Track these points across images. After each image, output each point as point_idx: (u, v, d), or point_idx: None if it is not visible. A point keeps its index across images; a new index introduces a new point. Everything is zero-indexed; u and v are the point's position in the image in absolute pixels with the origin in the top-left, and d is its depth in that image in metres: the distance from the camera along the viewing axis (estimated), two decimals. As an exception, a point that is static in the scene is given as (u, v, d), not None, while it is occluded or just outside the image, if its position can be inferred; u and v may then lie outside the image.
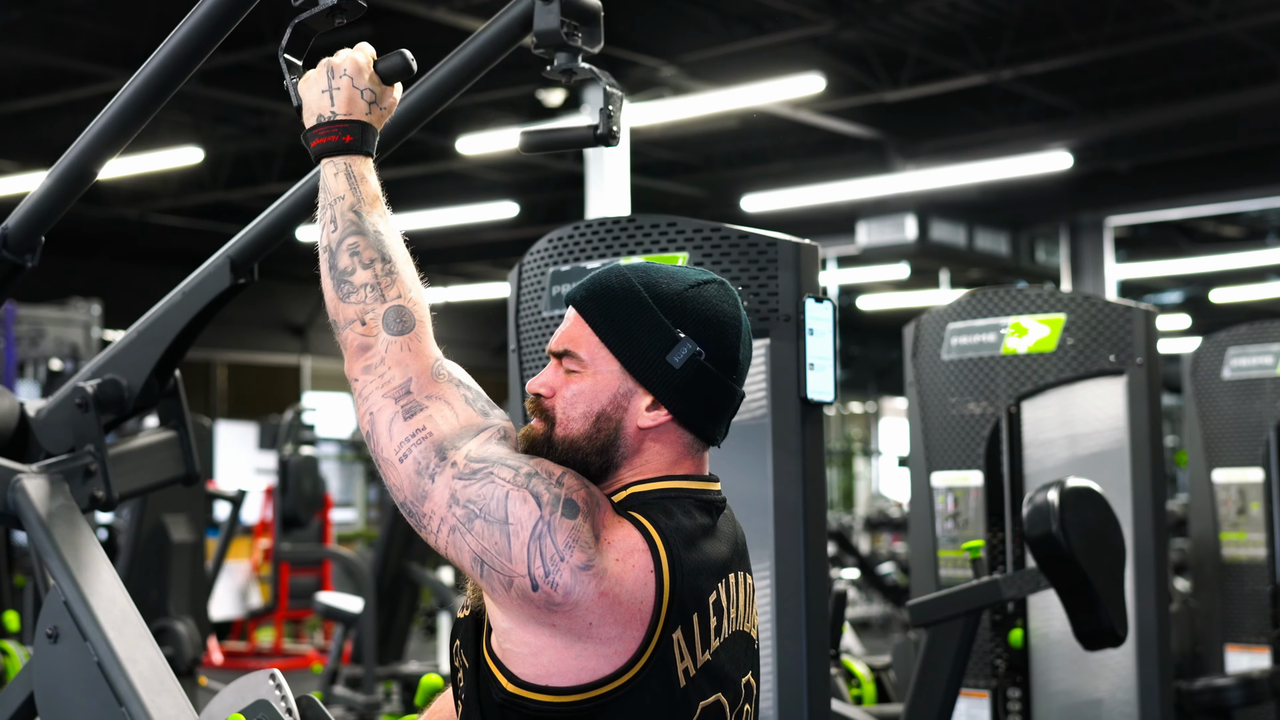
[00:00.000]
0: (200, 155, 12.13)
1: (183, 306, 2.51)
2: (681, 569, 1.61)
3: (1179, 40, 10.11)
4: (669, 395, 1.67)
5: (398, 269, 1.71)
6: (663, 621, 1.59)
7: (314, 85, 1.81)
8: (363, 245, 1.72)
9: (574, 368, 1.69)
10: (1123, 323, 3.81)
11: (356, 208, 1.75)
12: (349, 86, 1.79)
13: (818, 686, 2.56)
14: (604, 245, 2.73)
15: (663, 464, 1.69)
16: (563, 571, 1.54)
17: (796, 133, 12.80)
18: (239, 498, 8.47)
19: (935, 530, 4.02)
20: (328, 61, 1.82)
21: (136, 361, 2.52)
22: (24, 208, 2.32)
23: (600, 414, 1.68)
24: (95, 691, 2.17)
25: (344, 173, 1.76)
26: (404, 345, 1.67)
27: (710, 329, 1.69)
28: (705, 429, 1.71)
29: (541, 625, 1.57)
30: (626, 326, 1.68)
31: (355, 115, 1.79)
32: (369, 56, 1.82)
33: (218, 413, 17.38)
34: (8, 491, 2.33)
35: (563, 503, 1.57)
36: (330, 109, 1.78)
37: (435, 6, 8.93)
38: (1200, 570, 5.52)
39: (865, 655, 5.87)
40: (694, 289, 1.70)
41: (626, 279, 1.70)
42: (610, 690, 1.58)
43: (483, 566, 1.58)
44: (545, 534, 1.55)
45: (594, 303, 1.70)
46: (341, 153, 1.77)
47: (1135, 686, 3.71)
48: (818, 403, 2.60)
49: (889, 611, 12.61)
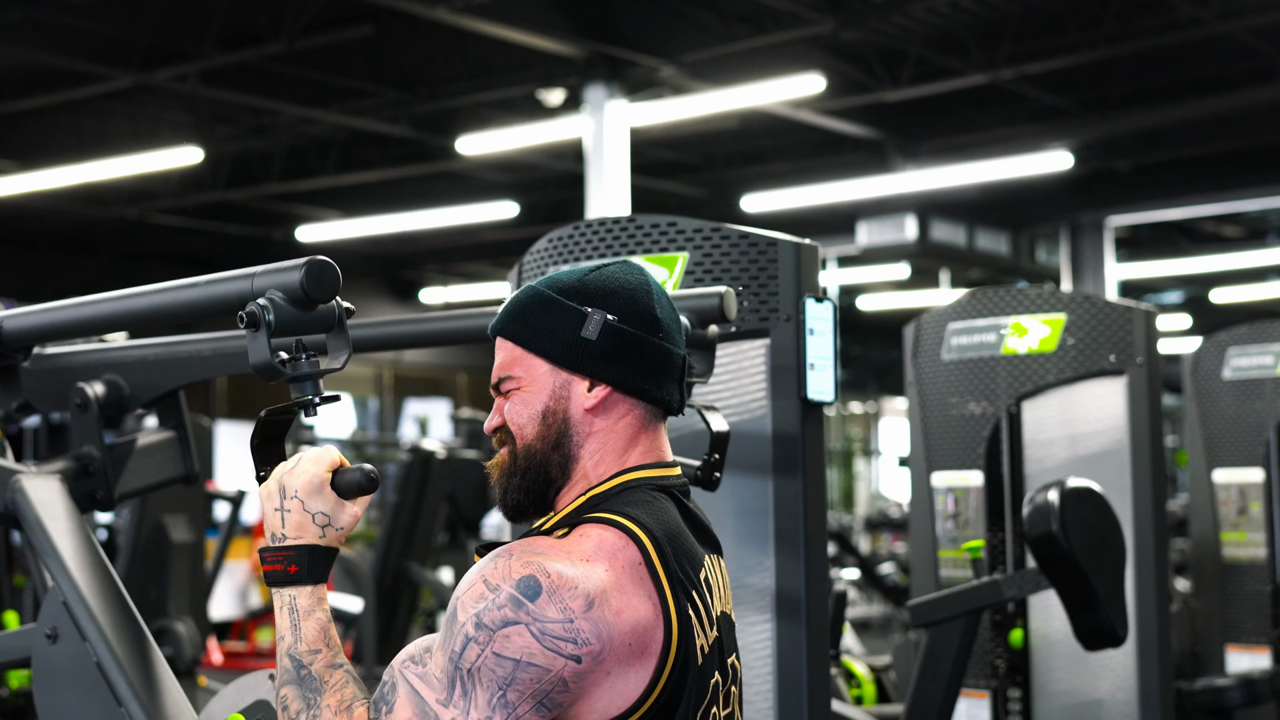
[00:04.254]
0: (200, 155, 12.13)
1: (208, 364, 2.52)
2: (664, 547, 1.63)
3: (1179, 40, 10.10)
4: (597, 367, 1.70)
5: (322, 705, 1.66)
6: (671, 597, 1.60)
7: (267, 500, 1.71)
8: (291, 696, 1.68)
9: (510, 387, 1.73)
10: (1123, 323, 3.81)
11: (293, 651, 1.69)
12: (299, 510, 1.69)
13: (818, 686, 2.56)
14: (604, 245, 2.73)
15: (620, 443, 1.72)
16: (582, 628, 1.55)
17: (796, 133, 12.80)
18: (239, 498, 8.46)
19: (935, 530, 4.02)
20: (280, 476, 1.71)
21: (145, 382, 2.53)
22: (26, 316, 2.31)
23: (545, 410, 1.71)
24: (95, 691, 2.17)
25: (287, 609, 1.69)
26: None
27: (617, 298, 1.72)
28: (650, 391, 1.72)
29: (601, 680, 1.57)
30: (539, 325, 1.71)
31: (305, 540, 1.69)
32: (328, 467, 1.70)
33: (218, 413, 17.37)
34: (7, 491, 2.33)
35: (520, 594, 1.55)
36: (280, 530, 1.70)
37: (435, 6, 8.92)
38: (1200, 570, 5.52)
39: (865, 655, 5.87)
40: (593, 273, 1.75)
41: (530, 288, 1.75)
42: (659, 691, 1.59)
43: (547, 702, 1.56)
44: (544, 627, 1.54)
45: (508, 319, 1.75)
46: (288, 584, 1.69)
47: (1135, 686, 3.71)
48: (818, 403, 2.60)
49: (889, 611, 12.60)
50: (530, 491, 1.72)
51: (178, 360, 2.52)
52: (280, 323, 1.72)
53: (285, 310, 1.72)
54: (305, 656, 1.68)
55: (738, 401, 2.62)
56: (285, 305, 1.72)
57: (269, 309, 1.71)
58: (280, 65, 10.51)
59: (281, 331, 1.72)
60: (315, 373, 1.75)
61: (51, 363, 2.54)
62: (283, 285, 1.73)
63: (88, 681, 2.17)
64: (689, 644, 1.61)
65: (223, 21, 9.56)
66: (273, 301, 1.72)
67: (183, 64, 10.14)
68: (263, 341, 1.71)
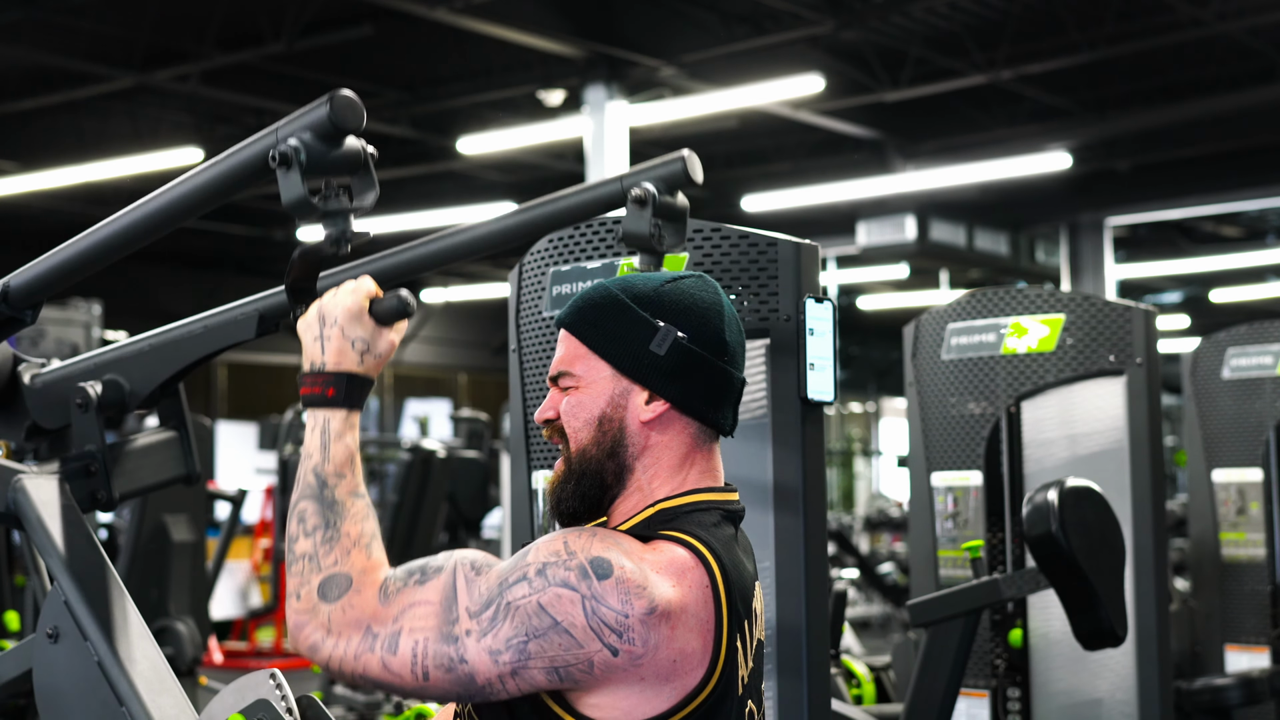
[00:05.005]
0: (200, 155, 12.13)
1: (201, 340, 2.51)
2: (730, 576, 1.63)
3: (1179, 40, 10.11)
4: (660, 382, 1.70)
5: (341, 533, 1.66)
6: (725, 630, 1.61)
7: (307, 330, 1.76)
8: (310, 512, 1.68)
9: (570, 384, 1.73)
10: (1122, 323, 3.81)
11: (319, 469, 1.70)
12: (339, 336, 1.73)
13: (818, 686, 2.56)
14: (604, 245, 2.73)
15: (673, 459, 1.72)
16: (634, 626, 1.55)
17: (796, 133, 12.80)
18: (239, 498, 8.47)
19: (935, 530, 4.02)
20: (321, 305, 1.76)
21: (145, 375, 2.52)
22: (30, 271, 2.31)
23: (601, 416, 1.71)
24: (95, 691, 2.17)
25: (320, 429, 1.72)
26: (345, 607, 1.63)
27: (690, 315, 1.72)
28: (707, 413, 1.73)
29: (631, 685, 1.58)
30: (609, 329, 1.72)
31: (344, 367, 1.73)
32: (365, 295, 1.75)
33: (218, 413, 17.38)
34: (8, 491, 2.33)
35: (590, 568, 1.57)
36: (321, 358, 1.74)
37: (435, 6, 8.93)
38: (1200, 570, 5.52)
39: (865, 655, 5.87)
40: (670, 284, 1.75)
41: (604, 288, 1.76)
42: (694, 708, 1.60)
43: (561, 673, 1.57)
44: (597, 607, 1.55)
45: (577, 316, 1.75)
46: (324, 406, 1.73)
47: (1135, 686, 3.71)
48: (818, 403, 2.60)
49: (889, 611, 12.60)
50: (585, 498, 1.72)
51: (171, 344, 2.52)
52: (311, 161, 1.74)
53: (315, 147, 1.75)
54: (331, 477, 1.70)
55: (737, 401, 2.62)
56: (315, 142, 1.75)
57: (300, 148, 1.73)
58: (280, 65, 10.51)
59: (312, 170, 1.75)
60: (347, 208, 1.78)
61: (52, 377, 2.54)
62: (310, 124, 1.75)
63: (88, 681, 2.17)
64: (732, 676, 1.63)
65: (223, 21, 9.56)
66: (303, 141, 1.74)
67: (183, 64, 10.14)
68: (296, 179, 1.73)
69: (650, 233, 1.81)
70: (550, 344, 2.76)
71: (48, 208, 14.16)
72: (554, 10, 9.76)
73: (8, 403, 2.52)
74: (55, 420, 2.49)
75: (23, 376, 2.54)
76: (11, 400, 2.51)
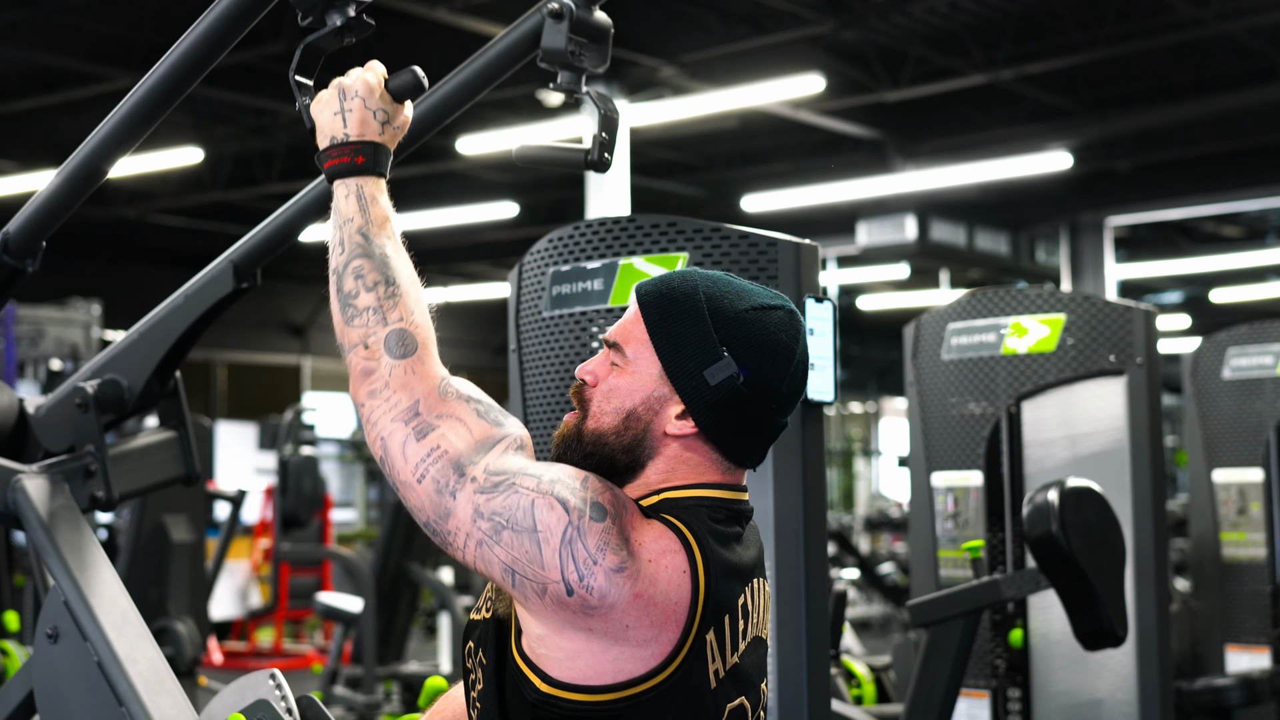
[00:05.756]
0: (200, 155, 12.13)
1: (184, 310, 2.50)
2: (715, 570, 1.62)
3: (1179, 40, 10.11)
4: (699, 410, 1.67)
5: (402, 291, 1.70)
6: (698, 622, 1.60)
7: (326, 107, 1.80)
8: (367, 268, 1.71)
9: (618, 361, 1.71)
10: (1123, 323, 3.81)
11: (365, 230, 1.74)
12: (361, 108, 1.78)
13: (818, 686, 2.56)
14: (604, 245, 2.73)
15: (689, 472, 1.70)
16: (597, 575, 1.55)
17: (796, 133, 12.80)
18: (239, 498, 8.47)
19: (935, 530, 4.02)
20: (339, 82, 1.81)
21: (137, 362, 2.51)
22: (26, 212, 2.30)
23: (631, 412, 1.69)
24: (95, 691, 2.17)
25: (355, 194, 1.76)
26: (408, 369, 1.66)
27: (758, 355, 1.67)
28: (731, 449, 1.70)
29: (578, 630, 1.57)
30: (676, 332, 1.68)
31: (368, 136, 1.78)
32: (380, 75, 1.81)
33: (218, 413, 17.38)
34: (8, 491, 2.33)
35: (590, 505, 1.58)
36: (343, 130, 1.78)
37: (435, 6, 8.93)
38: (1200, 570, 5.52)
39: (865, 655, 5.87)
40: (756, 311, 1.69)
41: (692, 284, 1.71)
42: (645, 689, 1.59)
43: (515, 576, 1.58)
44: (576, 538, 1.56)
45: (654, 300, 1.71)
46: (354, 174, 1.77)
47: (1135, 686, 3.71)
48: (818, 403, 2.60)
49: (889, 611, 12.61)
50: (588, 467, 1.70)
51: (158, 325, 2.51)
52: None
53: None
54: (377, 235, 1.75)
55: (738, 401, 2.62)
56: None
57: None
58: (280, 65, 10.46)
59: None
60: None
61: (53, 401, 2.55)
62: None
63: (88, 681, 2.17)
64: (694, 669, 1.60)
65: (223, 21, 9.54)
66: None
67: (183, 64, 10.13)
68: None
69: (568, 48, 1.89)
70: (550, 345, 2.76)
71: (48, 208, 14.15)
72: (554, 10, 9.75)
73: (21, 441, 2.53)
74: (62, 442, 2.50)
75: (28, 411, 2.55)
76: (24, 438, 2.53)
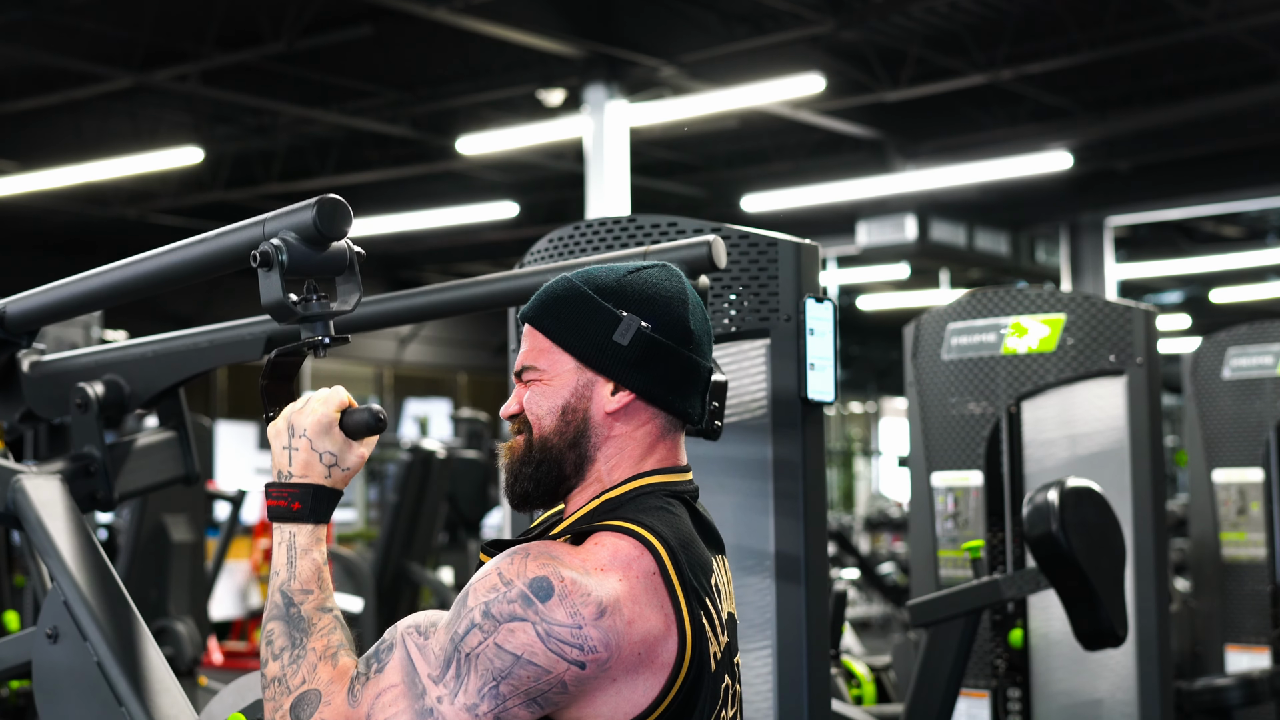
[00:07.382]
0: (200, 155, 12.13)
1: (205, 355, 2.52)
2: (678, 555, 1.62)
3: (1179, 40, 10.11)
4: (625, 373, 1.69)
5: (308, 647, 1.65)
6: (685, 607, 1.60)
7: (275, 438, 1.73)
8: (277, 633, 1.67)
9: (533, 378, 1.72)
10: (1123, 323, 3.81)
11: (286, 588, 1.68)
12: (307, 449, 1.70)
13: (818, 686, 2.56)
14: (604, 245, 2.73)
15: (637, 450, 1.71)
16: (590, 635, 1.54)
17: (796, 133, 12.80)
18: (239, 498, 8.46)
19: (935, 530, 4.02)
20: (289, 415, 1.72)
21: (145, 379, 2.53)
22: (29, 299, 2.30)
23: (565, 406, 1.70)
24: (95, 691, 2.17)
25: (286, 545, 1.70)
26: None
27: (654, 304, 1.71)
28: (673, 403, 1.72)
29: (605, 686, 1.57)
30: (572, 320, 1.71)
31: (310, 479, 1.70)
32: (337, 406, 1.71)
33: (218, 413, 17.37)
34: (8, 491, 2.33)
35: (531, 593, 1.55)
36: (288, 468, 1.70)
37: (435, 6, 8.93)
38: (1200, 570, 5.52)
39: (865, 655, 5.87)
40: (632, 274, 1.73)
41: (566, 280, 1.74)
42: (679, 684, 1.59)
43: (540, 701, 1.56)
44: (550, 629, 1.54)
45: (540, 310, 1.73)
46: (289, 520, 1.70)
47: (1135, 686, 3.71)
48: (818, 403, 2.60)
49: (889, 611, 12.60)
50: (541, 484, 1.71)
51: (175, 355, 2.52)
52: (293, 262, 1.72)
53: (298, 250, 1.72)
54: (297, 595, 1.68)
55: (738, 401, 2.62)
56: (298, 245, 1.72)
57: (282, 249, 1.71)
58: (280, 65, 10.51)
59: (294, 271, 1.73)
60: (326, 314, 1.75)
61: (52, 368, 2.54)
62: (295, 225, 1.73)
63: (88, 681, 2.17)
64: (703, 653, 1.61)
65: (223, 21, 9.55)
66: (286, 241, 1.72)
67: (183, 64, 10.14)
68: (275, 281, 1.71)
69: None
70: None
71: (47, 208, 14.16)
72: (554, 10, 9.76)
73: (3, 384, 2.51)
74: (52, 412, 2.49)
75: (21, 363, 2.54)
76: (7, 382, 2.51)
